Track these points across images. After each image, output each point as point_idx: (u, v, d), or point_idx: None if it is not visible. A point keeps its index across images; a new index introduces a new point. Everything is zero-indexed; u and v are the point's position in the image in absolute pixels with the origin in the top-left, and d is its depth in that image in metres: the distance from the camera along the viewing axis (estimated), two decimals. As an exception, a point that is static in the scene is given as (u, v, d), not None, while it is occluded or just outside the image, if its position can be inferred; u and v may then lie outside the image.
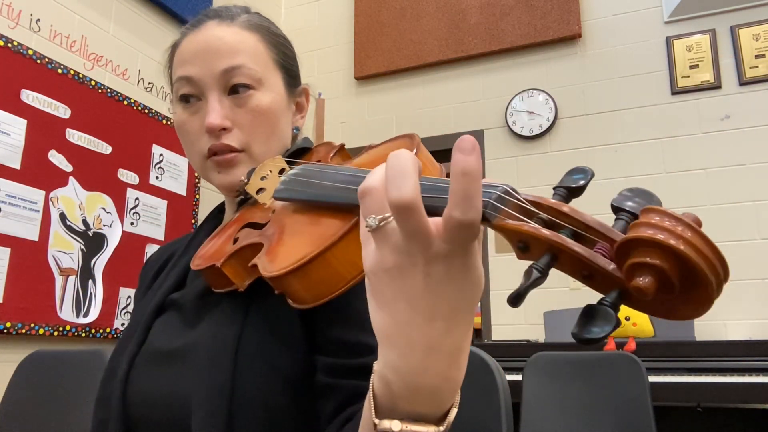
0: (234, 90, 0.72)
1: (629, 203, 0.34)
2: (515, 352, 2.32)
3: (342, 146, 0.72)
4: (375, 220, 0.37)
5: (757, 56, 2.80)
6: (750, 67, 2.80)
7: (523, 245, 0.35)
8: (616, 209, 0.35)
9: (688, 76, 2.90)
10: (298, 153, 0.76)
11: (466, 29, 3.37)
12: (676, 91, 2.92)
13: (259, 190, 0.67)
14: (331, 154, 0.71)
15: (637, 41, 3.05)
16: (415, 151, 0.52)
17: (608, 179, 2.91)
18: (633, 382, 1.69)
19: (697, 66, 2.90)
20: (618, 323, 0.32)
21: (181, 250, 0.82)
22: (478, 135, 3.26)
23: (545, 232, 0.34)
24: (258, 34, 0.76)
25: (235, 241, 0.64)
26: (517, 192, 0.37)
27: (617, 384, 1.72)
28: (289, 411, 0.61)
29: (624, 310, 2.38)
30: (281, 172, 0.67)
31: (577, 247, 0.33)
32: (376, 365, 0.42)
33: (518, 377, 1.87)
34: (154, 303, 0.74)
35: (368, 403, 0.42)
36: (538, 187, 3.03)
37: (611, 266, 0.33)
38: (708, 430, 2.39)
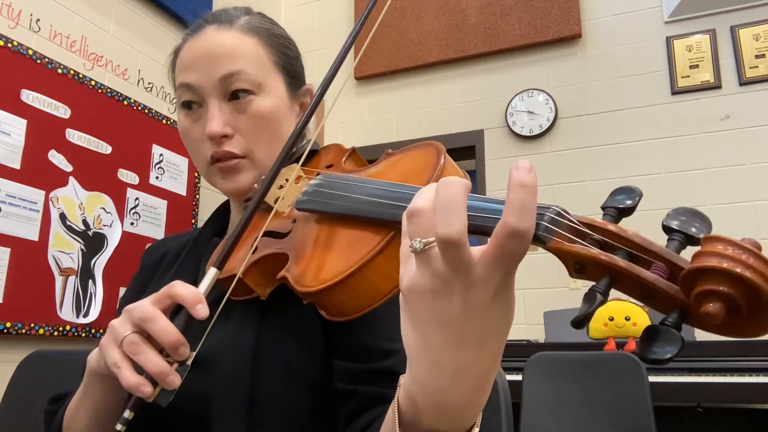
0: (234, 96, 0.72)
1: (677, 223, 0.35)
2: (515, 352, 2.31)
3: (353, 150, 0.71)
4: (420, 244, 0.37)
5: (757, 56, 2.80)
6: (750, 67, 2.80)
7: (579, 266, 0.36)
8: (668, 230, 0.36)
9: (688, 76, 2.90)
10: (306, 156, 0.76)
11: (466, 29, 3.37)
12: (676, 91, 2.92)
13: (276, 199, 0.66)
14: (344, 159, 0.70)
15: (637, 41, 3.05)
16: (442, 161, 0.52)
17: (608, 179, 2.91)
18: (633, 382, 1.69)
19: (697, 66, 2.90)
20: (684, 345, 0.33)
21: (189, 247, 0.81)
22: (478, 135, 3.26)
23: (605, 256, 0.35)
24: (257, 37, 0.75)
25: (255, 250, 0.63)
26: (568, 213, 0.38)
27: (617, 384, 1.72)
28: (310, 413, 0.61)
29: (624, 311, 2.38)
30: (299, 179, 0.66)
31: (640, 271, 0.34)
32: (403, 379, 0.42)
33: (518, 377, 1.86)
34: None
35: (392, 415, 0.43)
36: (538, 187, 3.03)
37: (674, 288, 0.34)
38: (708, 430, 2.39)
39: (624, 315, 2.38)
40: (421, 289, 0.38)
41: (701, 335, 2.49)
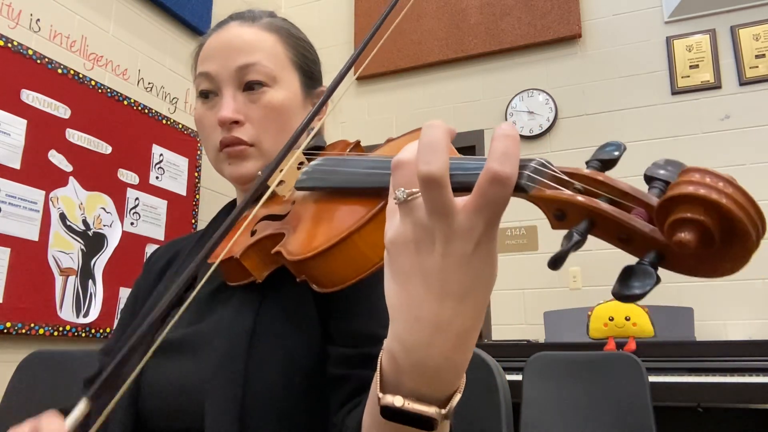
0: (249, 86, 0.75)
1: (662, 171, 0.35)
2: (515, 352, 2.32)
3: (358, 143, 0.73)
4: (403, 194, 0.38)
5: (757, 56, 2.80)
6: (750, 67, 2.80)
7: (560, 213, 0.36)
8: (649, 179, 0.36)
9: (688, 76, 2.90)
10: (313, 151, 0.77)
11: (466, 29, 3.37)
12: (676, 91, 2.92)
13: (278, 183, 0.68)
14: (348, 150, 0.72)
15: (637, 41, 3.05)
16: None
17: (608, 179, 2.90)
18: (633, 382, 1.69)
19: (697, 66, 2.90)
20: (658, 279, 0.32)
21: (191, 246, 0.83)
22: (478, 135, 3.26)
23: (583, 198, 0.35)
24: (277, 35, 0.78)
25: (253, 233, 0.64)
26: (551, 164, 0.38)
27: (617, 384, 1.72)
28: (304, 400, 0.62)
29: (624, 311, 2.38)
30: (300, 165, 0.68)
31: (616, 212, 0.35)
32: (385, 340, 0.42)
33: (518, 377, 1.86)
34: (170, 297, 0.73)
35: (375, 378, 0.43)
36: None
37: (650, 227, 0.34)
38: (708, 430, 2.39)
39: (624, 315, 2.38)
40: (403, 240, 0.38)
41: (701, 335, 2.49)
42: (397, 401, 0.40)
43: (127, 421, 0.65)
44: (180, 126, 2.85)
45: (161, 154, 2.72)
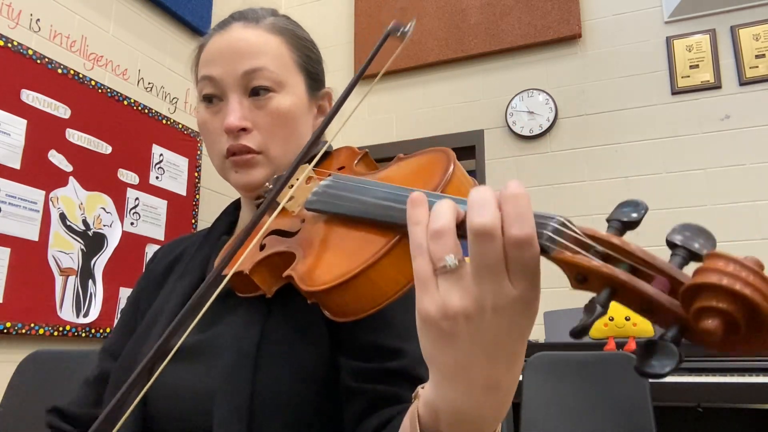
0: (255, 92, 0.73)
1: (681, 238, 0.35)
2: (515, 352, 2.31)
3: (366, 153, 0.72)
4: (454, 260, 0.37)
5: (757, 56, 2.80)
6: (750, 67, 2.80)
7: (581, 278, 0.37)
8: (672, 245, 0.36)
9: (688, 76, 2.90)
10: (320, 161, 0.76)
11: (466, 29, 3.37)
12: (676, 91, 2.92)
13: (288, 199, 0.67)
14: (355, 162, 0.71)
15: (637, 41, 3.05)
16: (452, 168, 0.53)
17: (608, 179, 2.91)
18: (633, 382, 1.69)
19: (697, 66, 2.90)
20: (681, 360, 0.33)
21: (196, 247, 0.82)
22: (478, 135, 3.26)
23: (606, 269, 0.35)
24: (282, 37, 0.77)
25: (262, 247, 0.63)
26: (572, 224, 0.38)
27: (617, 384, 1.72)
28: (312, 409, 0.61)
29: (624, 311, 2.38)
30: (309, 179, 0.67)
31: (641, 284, 0.34)
32: (423, 392, 0.42)
33: (518, 377, 1.86)
34: (180, 300, 0.73)
35: (410, 425, 0.43)
36: (538, 187, 3.03)
37: (674, 303, 0.34)
38: (708, 430, 2.39)
39: (624, 315, 2.38)
40: (451, 313, 0.38)
41: (701, 335, 2.49)
42: None
43: (135, 424, 0.65)
44: (180, 126, 2.85)
45: (161, 154, 2.72)
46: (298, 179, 0.66)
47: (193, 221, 2.88)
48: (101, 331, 2.34)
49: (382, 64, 0.68)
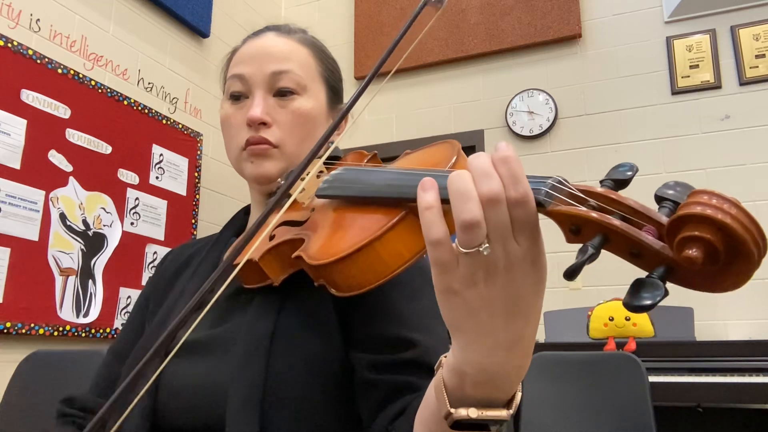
0: (280, 93, 0.78)
1: (671, 192, 0.38)
2: (515, 352, 2.31)
3: (375, 155, 0.74)
4: (488, 248, 0.39)
5: (757, 56, 2.80)
6: (750, 67, 2.80)
7: (575, 228, 0.39)
8: (659, 199, 0.38)
9: (688, 76, 2.90)
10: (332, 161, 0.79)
11: (466, 29, 3.37)
12: (676, 91, 2.92)
13: (300, 191, 0.69)
14: (366, 161, 0.74)
15: (638, 41, 3.05)
16: (455, 158, 0.55)
17: (608, 179, 2.90)
18: (633, 382, 1.69)
19: (697, 66, 2.90)
20: (667, 292, 0.35)
21: (207, 249, 0.85)
22: (478, 135, 3.26)
23: (597, 214, 0.38)
24: (310, 49, 0.83)
25: (272, 238, 0.66)
26: (568, 182, 0.41)
27: (617, 384, 1.72)
28: (324, 403, 0.63)
29: (624, 311, 2.38)
30: (320, 174, 0.69)
31: (628, 228, 0.37)
32: (447, 360, 0.45)
33: (518, 377, 1.86)
34: (193, 298, 0.74)
35: (436, 395, 0.45)
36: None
37: (660, 244, 0.37)
38: (708, 430, 2.39)
39: (624, 315, 2.38)
40: (472, 281, 0.40)
41: (701, 335, 2.49)
42: (472, 413, 0.43)
43: (145, 419, 0.65)
44: (180, 126, 2.85)
45: (161, 154, 2.72)
46: (309, 172, 0.69)
47: (193, 221, 2.88)
48: (101, 331, 2.34)
49: (394, 63, 0.70)
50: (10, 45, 2.12)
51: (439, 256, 0.40)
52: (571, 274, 0.37)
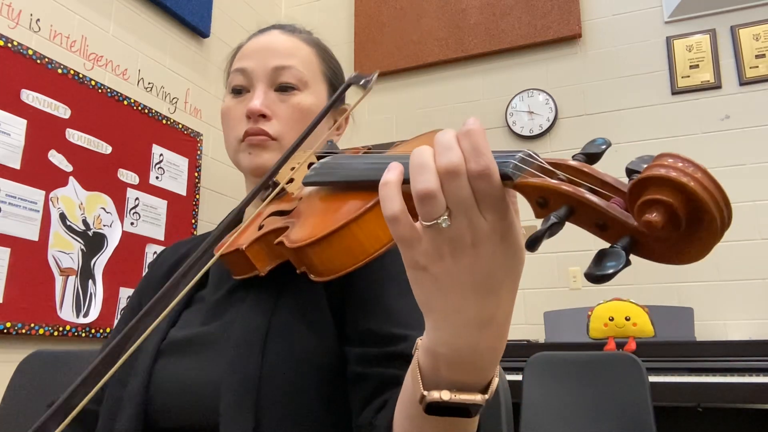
0: (281, 88, 0.79)
1: (642, 164, 0.37)
2: (515, 352, 2.31)
3: (369, 149, 0.75)
4: (447, 220, 0.39)
5: (757, 56, 2.80)
6: (750, 67, 2.80)
7: (542, 200, 0.38)
8: (630, 171, 0.37)
9: (688, 76, 2.90)
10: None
11: (466, 29, 3.37)
12: (676, 91, 2.92)
13: (288, 181, 0.70)
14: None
15: (637, 41, 3.05)
16: None
17: (608, 179, 2.90)
18: (633, 382, 1.69)
19: (697, 66, 2.90)
20: (629, 262, 0.34)
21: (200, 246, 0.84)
22: (478, 135, 3.26)
23: (565, 186, 0.37)
24: (313, 48, 0.84)
25: (261, 228, 0.66)
26: (538, 155, 0.41)
27: (617, 384, 1.72)
28: (319, 399, 0.63)
29: (624, 311, 2.38)
30: (310, 165, 0.70)
31: (594, 198, 0.36)
32: (422, 342, 0.44)
33: (518, 377, 1.86)
34: (182, 295, 0.75)
35: (411, 378, 0.44)
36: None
37: (626, 214, 0.36)
38: (708, 430, 2.39)
39: (624, 315, 2.38)
40: (438, 256, 0.40)
41: (701, 335, 2.49)
42: (445, 395, 0.42)
43: (137, 419, 0.65)
44: (180, 126, 2.85)
45: (161, 154, 2.72)
46: (299, 163, 0.70)
47: (193, 221, 2.88)
48: (101, 331, 2.34)
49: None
50: (10, 45, 2.12)
51: (399, 232, 0.40)
52: (532, 243, 0.36)
